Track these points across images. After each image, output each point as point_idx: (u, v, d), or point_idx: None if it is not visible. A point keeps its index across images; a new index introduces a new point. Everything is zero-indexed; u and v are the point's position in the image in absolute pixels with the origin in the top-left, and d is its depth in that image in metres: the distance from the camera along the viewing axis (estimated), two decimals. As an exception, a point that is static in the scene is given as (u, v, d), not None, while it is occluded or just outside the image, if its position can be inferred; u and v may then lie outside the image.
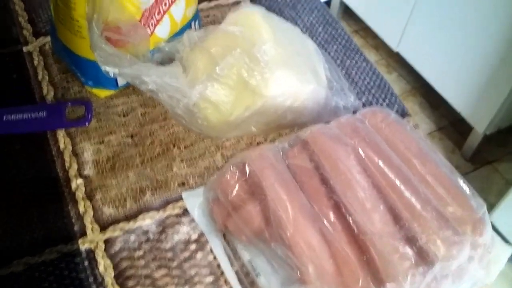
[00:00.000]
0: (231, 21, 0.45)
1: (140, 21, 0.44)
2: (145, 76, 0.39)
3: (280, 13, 0.60)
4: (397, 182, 0.40)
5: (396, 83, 1.82)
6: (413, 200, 0.39)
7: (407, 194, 0.40)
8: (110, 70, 0.38)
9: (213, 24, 0.58)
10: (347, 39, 0.58)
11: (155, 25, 0.47)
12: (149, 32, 0.46)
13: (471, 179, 1.55)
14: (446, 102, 1.56)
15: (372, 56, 1.90)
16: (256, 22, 0.44)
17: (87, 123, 0.39)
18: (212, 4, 0.60)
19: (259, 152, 0.41)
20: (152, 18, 0.46)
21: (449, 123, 1.67)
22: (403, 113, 0.52)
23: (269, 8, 0.61)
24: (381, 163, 0.41)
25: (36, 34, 0.55)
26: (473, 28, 1.39)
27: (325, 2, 1.92)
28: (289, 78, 0.43)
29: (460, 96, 1.52)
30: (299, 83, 0.43)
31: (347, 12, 1.90)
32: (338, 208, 0.39)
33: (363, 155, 0.41)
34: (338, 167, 0.40)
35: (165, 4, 0.47)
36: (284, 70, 0.42)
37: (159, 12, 0.47)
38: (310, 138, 0.43)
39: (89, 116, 0.39)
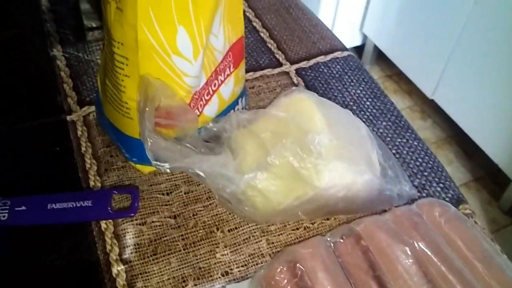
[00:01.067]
0: (282, 105, 0.44)
1: (189, 104, 0.43)
2: (196, 168, 0.38)
3: (326, 84, 0.59)
4: (460, 289, 0.37)
5: (430, 131, 1.78)
6: (477, 310, 0.37)
7: (470, 303, 0.37)
8: (160, 165, 0.37)
9: (257, 95, 0.57)
10: (396, 115, 0.56)
11: (204, 106, 0.46)
12: (198, 113, 0.45)
13: (509, 233, 1.48)
14: (483, 152, 1.52)
15: (406, 102, 1.87)
16: (308, 109, 0.43)
17: (133, 214, 0.38)
18: (258, 74, 0.59)
19: (311, 249, 0.39)
20: (201, 100, 0.45)
21: (485, 174, 1.62)
22: (458, 199, 0.49)
23: (315, 79, 0.59)
24: (442, 267, 0.38)
25: (80, 103, 0.55)
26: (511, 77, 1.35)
27: (359, 47, 1.92)
28: (343, 169, 0.41)
29: (498, 146, 1.48)
30: (353, 174, 0.41)
31: (381, 57, 1.89)
32: (396, 317, 0.36)
33: (422, 255, 0.39)
34: (396, 268, 0.38)
35: (215, 85, 0.46)
36: (338, 161, 0.41)
37: (208, 93, 0.46)
38: (364, 232, 0.41)
39: (136, 205, 0.38)
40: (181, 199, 0.47)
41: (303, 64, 0.61)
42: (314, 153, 0.40)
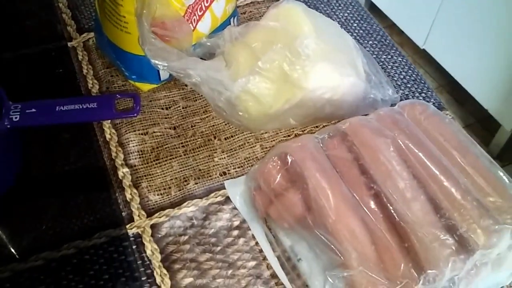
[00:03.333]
0: (272, 16, 0.47)
1: (183, 17, 0.46)
2: (191, 70, 0.41)
3: (315, 9, 0.61)
4: (437, 172, 0.41)
5: (422, 81, 1.80)
6: (453, 190, 0.40)
7: (447, 184, 0.40)
8: (159, 63, 0.40)
9: (249, 20, 0.60)
10: (382, 34, 0.59)
11: (197, 21, 0.49)
12: (192, 28, 0.48)
13: (499, 178, 1.53)
14: (473, 99, 1.55)
15: (398, 53, 1.88)
16: (297, 17, 0.45)
17: (136, 114, 0.41)
18: (249, 0, 0.62)
19: (300, 143, 0.42)
20: (194, 14, 0.48)
21: (476, 121, 1.65)
22: (439, 107, 0.52)
23: (305, 3, 0.62)
24: (421, 154, 0.41)
25: (80, 31, 0.57)
26: (502, 25, 1.37)
27: None
28: (329, 71, 0.44)
29: (488, 93, 1.51)
30: (338, 76, 0.44)
31: (373, 9, 1.89)
32: (379, 198, 0.40)
33: (403, 146, 0.42)
34: (378, 158, 0.41)
35: (207, 1, 0.48)
36: (325, 63, 0.43)
37: (201, 9, 0.48)
38: (349, 129, 0.44)
39: (137, 107, 0.41)
40: (179, 113, 0.50)
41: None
42: (302, 56, 0.43)
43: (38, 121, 0.40)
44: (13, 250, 0.40)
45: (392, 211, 0.39)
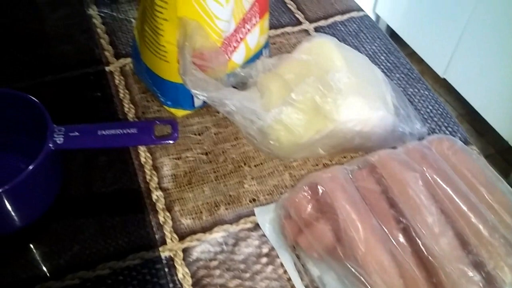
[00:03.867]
0: (305, 50, 0.48)
1: (220, 48, 0.48)
2: (227, 100, 0.43)
3: (343, 41, 0.63)
4: (465, 208, 0.42)
5: (441, 109, 1.80)
6: (480, 226, 0.41)
7: (475, 220, 0.41)
8: (199, 93, 0.41)
9: (279, 50, 0.62)
10: (409, 68, 0.60)
11: (233, 52, 0.50)
12: (228, 58, 0.50)
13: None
14: (494, 130, 1.54)
15: (417, 81, 1.89)
16: (328, 51, 0.47)
17: (173, 141, 0.43)
18: (279, 32, 0.64)
19: (330, 174, 0.43)
20: (230, 45, 0.50)
21: (496, 151, 1.65)
22: (465, 141, 0.53)
23: (333, 36, 0.63)
24: (449, 190, 0.42)
25: (117, 56, 0.59)
26: (524, 56, 1.38)
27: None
28: (360, 105, 0.45)
29: (508, 124, 1.50)
30: (369, 110, 0.45)
31: (393, 37, 1.91)
32: (407, 231, 0.41)
33: (431, 181, 0.43)
34: (407, 191, 0.42)
35: (242, 33, 0.50)
36: (356, 97, 0.45)
37: (236, 40, 0.50)
38: (378, 162, 0.45)
39: (175, 134, 0.43)
40: (211, 139, 0.52)
41: (321, 23, 0.65)
42: (334, 89, 0.44)
43: (81, 144, 0.42)
44: (50, 268, 0.42)
45: (421, 246, 0.39)
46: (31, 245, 0.44)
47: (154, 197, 0.47)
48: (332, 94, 0.44)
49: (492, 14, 1.43)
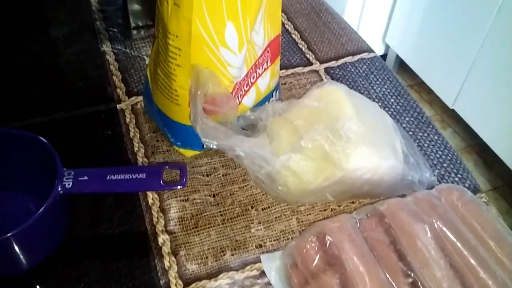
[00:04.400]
0: (315, 96, 0.49)
1: (231, 93, 0.48)
2: (237, 147, 0.43)
3: (353, 82, 0.63)
4: (474, 263, 0.41)
5: (450, 140, 1.80)
6: (490, 282, 0.40)
7: (483, 276, 0.40)
8: (209, 141, 0.42)
9: (289, 91, 0.62)
10: (418, 111, 0.60)
11: (243, 96, 0.51)
12: (238, 102, 0.50)
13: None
14: (502, 162, 1.53)
15: (426, 111, 1.89)
16: (339, 98, 0.47)
17: (182, 186, 0.43)
18: (289, 72, 0.64)
19: (339, 223, 0.43)
20: (241, 90, 0.50)
21: (504, 183, 1.63)
22: (475, 189, 0.52)
23: (343, 77, 0.64)
24: (458, 243, 0.42)
25: (129, 93, 0.60)
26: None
27: (382, 56, 1.96)
28: (370, 154, 0.45)
29: (517, 157, 1.50)
30: (378, 159, 0.45)
31: (403, 66, 1.92)
32: (415, 285, 0.40)
33: (440, 233, 0.42)
34: (416, 243, 0.42)
35: (253, 78, 0.51)
36: (365, 146, 0.45)
37: (247, 85, 0.51)
38: (387, 212, 0.45)
39: (184, 180, 0.43)
40: (219, 180, 0.52)
41: (331, 64, 0.66)
42: (344, 137, 0.44)
43: (90, 189, 0.42)
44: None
45: (429, 301, 0.39)
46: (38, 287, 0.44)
47: (160, 240, 0.47)
48: (342, 143, 0.44)
49: (503, 47, 1.44)
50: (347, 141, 0.44)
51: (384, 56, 1.98)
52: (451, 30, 1.61)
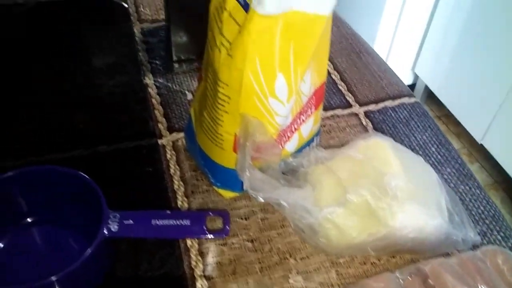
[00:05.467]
0: (360, 148, 0.48)
1: (276, 140, 0.48)
2: (282, 200, 0.43)
3: (393, 128, 0.63)
4: (522, 334, 0.40)
5: (477, 175, 1.77)
6: None
7: None
8: (255, 193, 0.42)
9: (328, 134, 0.62)
10: (460, 163, 0.59)
11: (286, 142, 0.51)
12: (281, 149, 0.50)
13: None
14: (531, 201, 1.50)
15: (454, 144, 1.87)
16: (385, 153, 0.47)
17: (225, 235, 0.43)
18: (329, 114, 0.64)
19: (382, 283, 0.42)
20: (284, 136, 0.50)
21: (533, 223, 1.59)
22: (519, 249, 0.51)
23: (383, 122, 0.64)
24: (505, 312, 0.41)
25: (170, 129, 0.60)
26: None
27: (410, 86, 1.95)
28: (417, 213, 0.44)
29: (547, 196, 1.46)
30: (425, 218, 0.45)
31: (431, 97, 1.90)
32: None
33: (486, 300, 0.41)
34: (461, 310, 0.41)
35: (297, 124, 0.51)
36: (412, 204, 0.44)
37: (291, 131, 0.51)
38: (431, 272, 0.44)
39: (227, 228, 0.43)
40: (257, 224, 0.52)
41: (371, 107, 0.65)
42: (390, 195, 0.44)
43: (135, 233, 0.42)
44: None
45: None
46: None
47: (198, 286, 0.46)
48: (388, 200, 0.44)
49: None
50: (393, 198, 0.44)
51: (412, 86, 1.97)
52: (484, 63, 1.59)
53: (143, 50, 0.71)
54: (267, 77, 0.44)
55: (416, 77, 1.93)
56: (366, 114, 0.65)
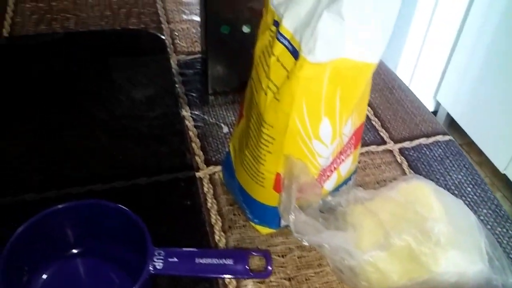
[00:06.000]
0: (401, 190, 0.49)
1: (316, 180, 0.49)
2: (325, 243, 0.43)
3: (428, 166, 0.63)
4: None
5: (500, 205, 1.75)
6: None
7: None
8: (300, 236, 0.42)
9: (363, 170, 0.62)
10: (496, 204, 0.59)
11: (325, 181, 0.51)
12: (321, 188, 0.51)
13: None
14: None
15: (476, 172, 1.86)
16: (427, 197, 0.47)
17: (267, 276, 0.43)
18: (363, 150, 0.64)
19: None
20: (324, 175, 0.51)
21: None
22: (559, 295, 0.51)
23: (418, 160, 0.64)
24: None
25: (207, 162, 0.61)
26: None
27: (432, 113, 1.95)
28: (459, 258, 0.44)
29: None
30: (467, 263, 0.45)
31: (453, 125, 1.90)
32: None
33: None
34: None
35: (337, 164, 0.51)
36: (455, 250, 0.44)
37: (330, 170, 0.51)
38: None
39: (269, 269, 0.43)
40: (294, 262, 0.52)
41: (406, 144, 0.66)
42: (433, 240, 0.44)
43: (179, 271, 0.43)
44: None
45: None
46: None
47: (238, 324, 0.47)
48: (431, 245, 0.44)
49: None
50: (436, 243, 0.44)
51: (434, 113, 1.96)
52: (506, 91, 1.58)
53: (179, 82, 0.73)
54: (313, 121, 0.44)
55: (438, 104, 1.93)
56: (401, 151, 0.65)
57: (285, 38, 0.43)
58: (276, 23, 0.44)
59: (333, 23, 0.39)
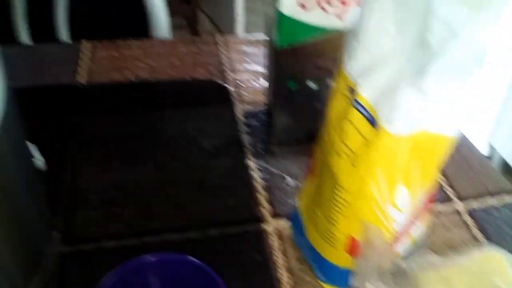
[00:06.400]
0: (475, 259, 0.48)
1: (389, 244, 0.49)
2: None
3: (498, 229, 0.62)
4: None
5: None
6: None
7: None
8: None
9: (430, 229, 0.62)
10: None
11: (398, 244, 0.52)
12: (395, 254, 0.51)
13: None
14: None
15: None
16: (503, 267, 0.47)
17: None
18: (430, 208, 0.64)
19: None
20: (397, 239, 0.51)
21: None
22: None
23: (486, 222, 0.63)
24: None
25: (274, 215, 0.63)
26: None
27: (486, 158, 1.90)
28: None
29: None
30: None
31: (508, 171, 1.84)
32: None
33: None
34: None
35: (409, 227, 0.52)
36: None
37: (402, 233, 0.51)
38: None
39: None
40: (362, 324, 0.52)
41: (473, 205, 0.65)
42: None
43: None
44: None
45: None
46: None
47: None
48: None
49: None
50: (515, 319, 0.43)
51: (488, 159, 1.92)
52: None
53: (245, 133, 0.75)
54: (390, 189, 0.45)
55: (493, 149, 1.89)
56: (470, 212, 0.64)
57: (363, 107, 0.44)
58: (351, 90, 0.46)
59: (416, 99, 0.40)
